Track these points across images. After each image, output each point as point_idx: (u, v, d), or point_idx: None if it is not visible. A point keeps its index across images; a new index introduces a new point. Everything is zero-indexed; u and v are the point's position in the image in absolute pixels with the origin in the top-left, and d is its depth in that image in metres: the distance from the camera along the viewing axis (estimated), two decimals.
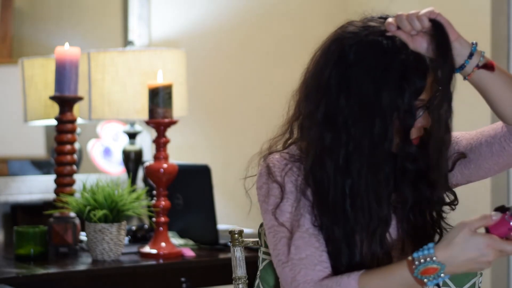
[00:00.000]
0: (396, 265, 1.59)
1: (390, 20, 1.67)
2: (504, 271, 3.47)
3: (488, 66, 1.67)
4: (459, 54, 1.65)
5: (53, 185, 2.97)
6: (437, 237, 1.76)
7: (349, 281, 1.60)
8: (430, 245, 1.55)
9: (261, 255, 1.95)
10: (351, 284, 1.60)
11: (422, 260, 1.54)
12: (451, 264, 1.54)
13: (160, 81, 2.86)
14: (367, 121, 1.63)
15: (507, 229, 1.53)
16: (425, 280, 1.54)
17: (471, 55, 1.65)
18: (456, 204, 1.77)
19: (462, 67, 1.66)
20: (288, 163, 1.73)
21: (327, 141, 1.66)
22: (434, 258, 1.54)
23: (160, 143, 2.86)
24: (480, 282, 1.89)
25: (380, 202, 1.66)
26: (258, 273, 1.95)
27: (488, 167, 1.76)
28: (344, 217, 1.67)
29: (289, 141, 1.78)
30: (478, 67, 1.66)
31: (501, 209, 1.55)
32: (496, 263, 3.42)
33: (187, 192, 3.04)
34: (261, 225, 1.96)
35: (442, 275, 1.54)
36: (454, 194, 1.77)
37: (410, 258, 1.56)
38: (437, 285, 1.58)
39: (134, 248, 2.92)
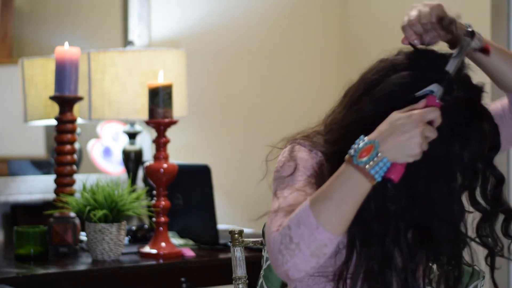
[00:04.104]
0: (338, 170, 1.57)
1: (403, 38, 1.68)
2: (504, 271, 3.47)
3: (484, 50, 1.69)
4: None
5: (53, 185, 2.97)
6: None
7: (302, 204, 1.57)
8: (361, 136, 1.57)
9: (265, 254, 1.95)
10: (302, 204, 1.56)
11: (355, 146, 1.54)
12: (382, 140, 1.53)
13: (160, 81, 2.86)
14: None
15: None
16: (366, 166, 1.52)
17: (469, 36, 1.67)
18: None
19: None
20: (313, 149, 1.72)
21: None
22: (365, 139, 1.54)
23: (160, 143, 2.86)
24: (482, 286, 1.90)
25: None
26: (261, 272, 1.95)
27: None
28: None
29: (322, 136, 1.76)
30: (474, 50, 1.69)
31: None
32: (496, 263, 3.41)
33: (187, 192, 3.04)
34: (265, 225, 1.96)
35: (379, 154, 1.52)
36: None
37: (347, 156, 1.55)
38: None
39: (134, 248, 2.92)
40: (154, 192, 2.87)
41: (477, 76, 1.71)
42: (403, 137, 1.52)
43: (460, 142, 1.62)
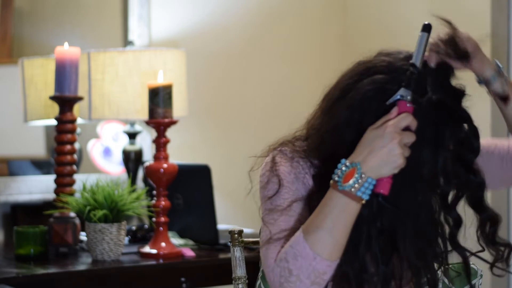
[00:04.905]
0: (325, 196, 1.56)
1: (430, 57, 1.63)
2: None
3: (504, 98, 1.66)
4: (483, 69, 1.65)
5: (53, 185, 2.97)
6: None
7: (295, 235, 1.58)
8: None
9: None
10: (296, 236, 1.57)
11: (338, 171, 1.54)
12: (364, 160, 1.52)
13: (160, 81, 2.86)
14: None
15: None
16: (352, 189, 1.52)
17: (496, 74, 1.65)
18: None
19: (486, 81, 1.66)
20: (294, 157, 1.71)
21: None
22: (346, 163, 1.54)
23: (160, 143, 2.86)
24: (480, 284, 1.89)
25: None
26: (259, 273, 1.95)
27: (491, 179, 1.74)
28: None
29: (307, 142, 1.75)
30: (495, 93, 1.66)
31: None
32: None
33: (187, 192, 3.04)
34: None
35: (363, 175, 1.51)
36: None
37: (332, 181, 1.55)
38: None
39: (134, 248, 2.92)
40: (154, 192, 2.87)
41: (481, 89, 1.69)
42: (382, 152, 1.52)
43: (433, 146, 1.59)
